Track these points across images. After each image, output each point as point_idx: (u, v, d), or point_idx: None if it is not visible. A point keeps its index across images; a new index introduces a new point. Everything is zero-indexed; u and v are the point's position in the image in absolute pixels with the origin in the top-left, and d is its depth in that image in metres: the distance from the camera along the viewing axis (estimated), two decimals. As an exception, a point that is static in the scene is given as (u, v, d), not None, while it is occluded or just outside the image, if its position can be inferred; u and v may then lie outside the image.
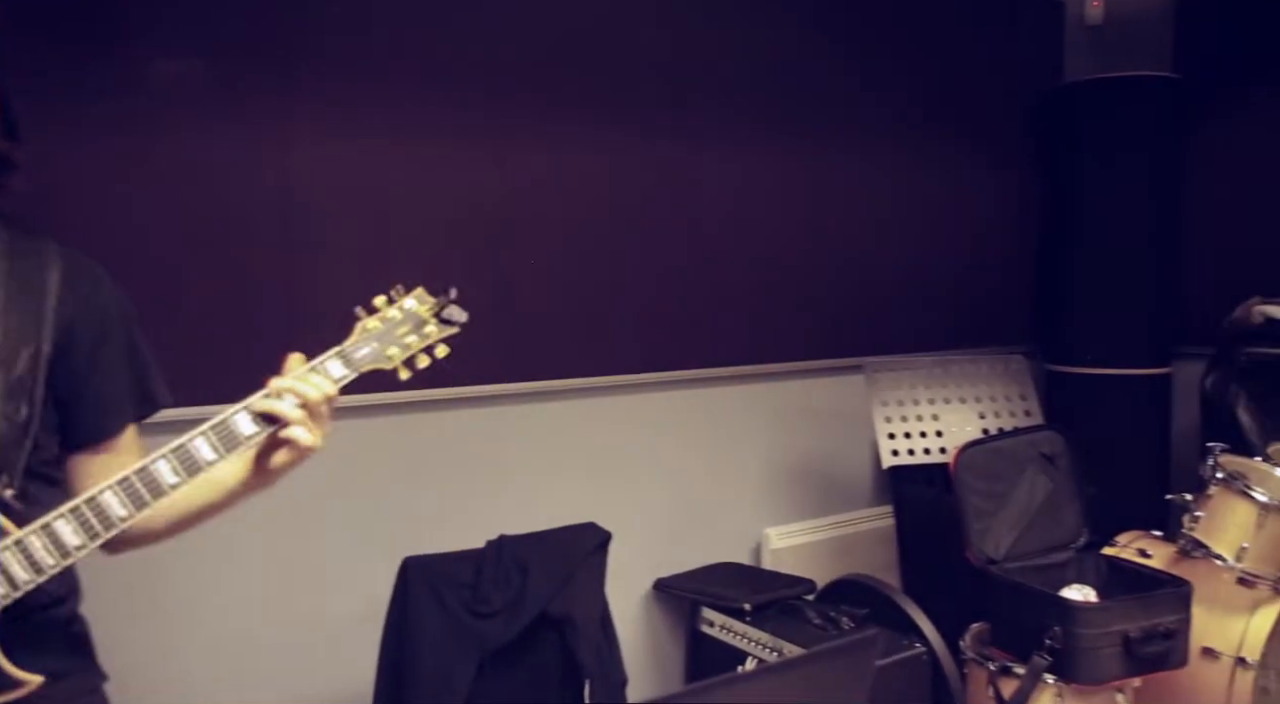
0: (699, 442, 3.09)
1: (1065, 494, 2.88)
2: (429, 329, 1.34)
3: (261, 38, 2.29)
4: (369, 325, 1.31)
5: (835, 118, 3.32)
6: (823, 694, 1.35)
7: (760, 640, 2.61)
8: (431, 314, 1.35)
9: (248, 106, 2.28)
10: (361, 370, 1.30)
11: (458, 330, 1.36)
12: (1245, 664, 2.59)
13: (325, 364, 1.27)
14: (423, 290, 1.36)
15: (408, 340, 1.33)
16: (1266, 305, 3.39)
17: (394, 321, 1.32)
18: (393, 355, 1.32)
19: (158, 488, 1.17)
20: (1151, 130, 3.62)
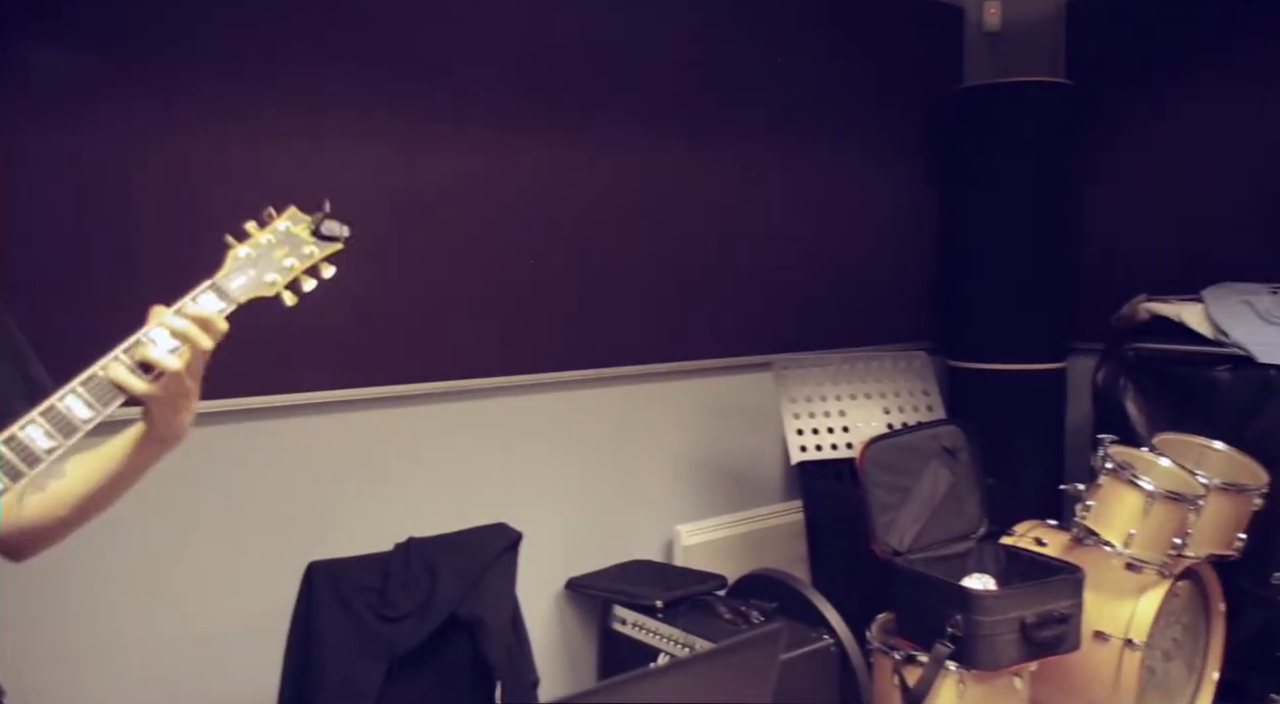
0: (610, 440, 3.10)
1: (966, 486, 2.97)
2: (309, 249, 1.27)
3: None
4: (241, 253, 1.22)
5: (744, 119, 3.35)
6: (729, 688, 1.36)
7: (672, 637, 2.63)
8: (309, 232, 1.27)
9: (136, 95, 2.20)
10: (240, 301, 1.20)
11: (341, 246, 1.29)
12: (1133, 645, 2.71)
13: (198, 299, 1.17)
14: (295, 209, 1.29)
15: (287, 263, 1.25)
16: (1152, 303, 3.54)
17: (269, 246, 1.24)
18: (273, 282, 1.23)
19: (31, 455, 1.06)
20: (1045, 134, 3.75)
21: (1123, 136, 3.93)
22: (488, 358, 2.79)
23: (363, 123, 2.53)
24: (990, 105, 3.77)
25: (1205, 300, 3.40)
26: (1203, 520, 2.81)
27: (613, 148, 3.02)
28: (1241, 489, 2.87)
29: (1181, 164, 3.77)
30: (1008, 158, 3.75)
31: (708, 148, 3.26)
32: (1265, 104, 3.53)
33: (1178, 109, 3.77)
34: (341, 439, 2.57)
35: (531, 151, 2.83)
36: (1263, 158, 3.55)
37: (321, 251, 1.28)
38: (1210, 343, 3.29)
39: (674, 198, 3.18)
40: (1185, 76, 3.74)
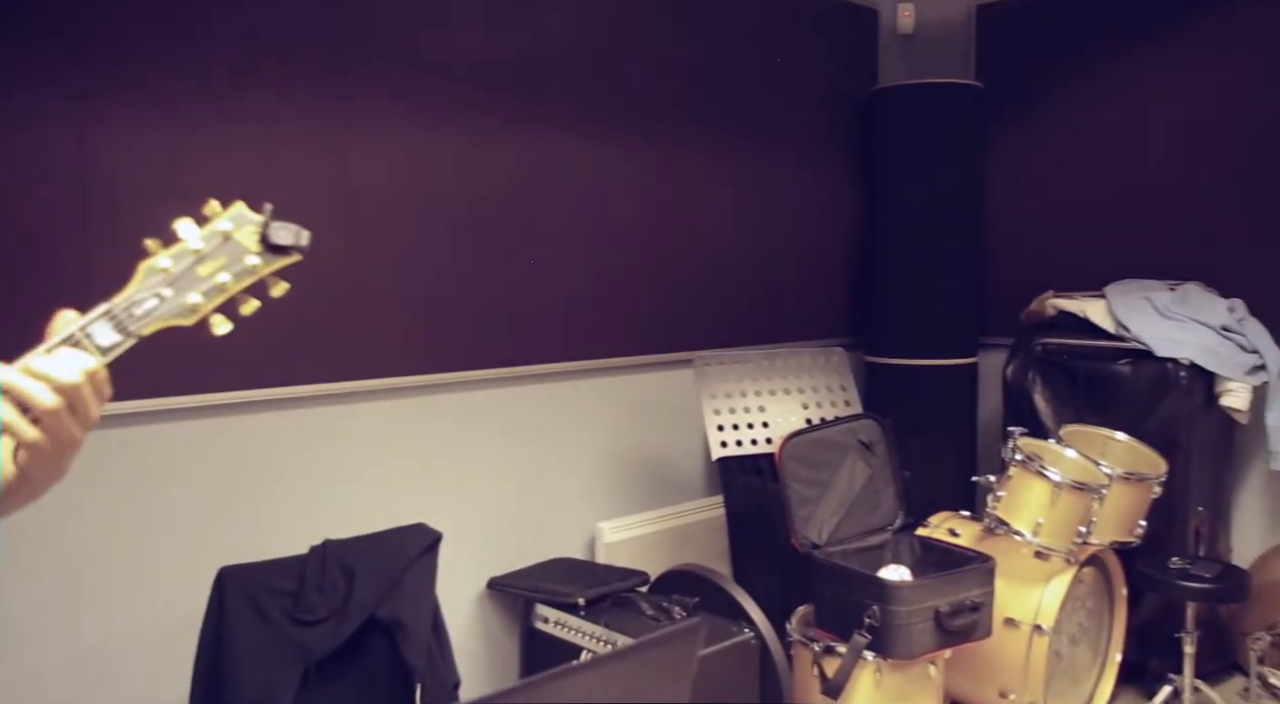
0: (531, 439, 3.08)
1: (882, 479, 3.03)
2: (251, 262, 0.96)
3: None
4: (160, 263, 0.93)
5: (664, 118, 3.37)
6: (650, 682, 1.37)
7: (594, 634, 2.63)
8: (257, 239, 0.97)
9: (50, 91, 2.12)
10: (145, 334, 0.93)
11: (297, 258, 0.99)
12: (1041, 631, 2.79)
13: (89, 330, 0.91)
14: (243, 206, 0.98)
15: (219, 280, 0.95)
16: (1058, 299, 3.66)
17: (197, 256, 0.94)
18: (195, 306, 0.94)
19: None
20: (956, 134, 3.85)
21: (1030, 137, 4.05)
22: (406, 357, 2.75)
23: (287, 116, 2.47)
24: (903, 106, 3.85)
25: (1108, 296, 3.53)
26: (1106, 509, 2.91)
27: (534, 146, 3.00)
28: (1142, 478, 2.98)
29: (1086, 164, 3.90)
30: (920, 157, 3.83)
31: (629, 146, 3.26)
32: (1164, 106, 3.68)
33: (1082, 110, 3.90)
34: (255, 441, 2.51)
35: (453, 148, 2.80)
36: (1162, 158, 3.70)
37: (267, 265, 0.98)
38: (1113, 337, 3.41)
39: (595, 196, 3.18)
40: (1089, 79, 3.88)
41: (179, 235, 0.94)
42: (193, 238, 0.94)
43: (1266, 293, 3.44)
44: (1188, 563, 2.98)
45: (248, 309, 0.97)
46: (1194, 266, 3.60)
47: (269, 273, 0.98)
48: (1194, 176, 3.62)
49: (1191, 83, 3.61)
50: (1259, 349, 3.30)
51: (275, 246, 0.97)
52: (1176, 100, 3.65)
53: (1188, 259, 3.63)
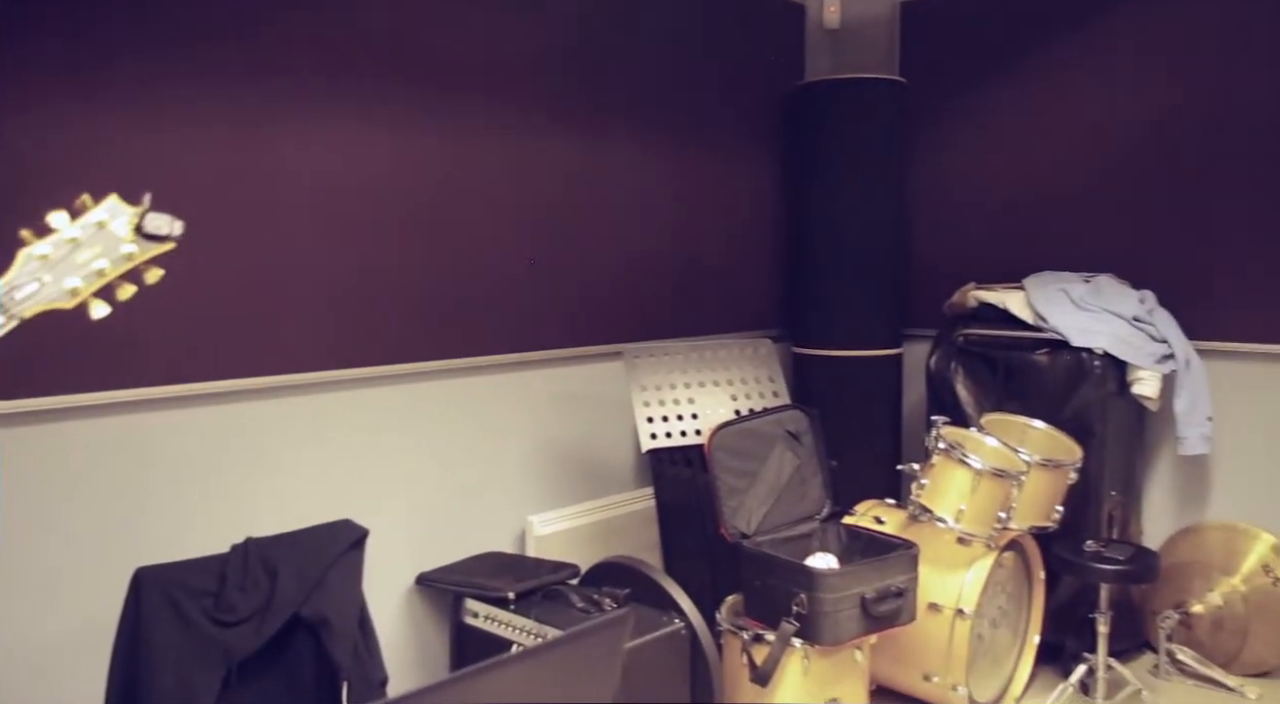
0: (460, 432, 3.06)
1: (810, 469, 3.07)
2: (128, 249, 1.04)
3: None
4: (36, 251, 1.00)
5: (593, 110, 3.36)
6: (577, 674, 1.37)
7: (524, 628, 2.62)
8: (133, 228, 1.05)
9: None
10: (26, 316, 0.99)
11: (170, 247, 1.08)
12: (963, 615, 2.86)
13: None
14: (117, 198, 1.05)
15: (96, 266, 1.02)
16: (979, 290, 3.75)
17: (73, 244, 1.01)
18: (73, 289, 1.01)
19: None
20: (881, 129, 3.90)
21: (952, 132, 4.14)
22: (332, 350, 2.70)
23: (200, 105, 2.40)
24: (829, 100, 3.89)
25: (1027, 288, 3.62)
26: (1025, 495, 3.00)
27: (463, 136, 2.97)
28: (1059, 465, 3.07)
29: (1005, 159, 4.00)
30: (846, 151, 3.88)
31: (557, 138, 3.25)
32: (1081, 102, 3.78)
33: (1002, 106, 3.99)
34: (174, 437, 2.44)
35: (378, 138, 2.76)
36: (1078, 154, 3.80)
37: (144, 252, 1.06)
38: (1031, 328, 3.50)
39: (524, 187, 3.16)
40: (1009, 75, 3.97)
41: (51, 226, 1.00)
42: (67, 227, 1.01)
43: (1174, 284, 3.56)
44: (1102, 546, 3.08)
45: (125, 294, 1.05)
46: (1107, 259, 3.72)
47: (144, 260, 1.06)
48: (1108, 172, 3.73)
49: (1107, 80, 3.72)
50: (1168, 339, 3.42)
51: (150, 235, 1.05)
52: (1092, 97, 3.75)
53: (1102, 252, 3.74)
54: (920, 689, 2.99)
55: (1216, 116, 3.48)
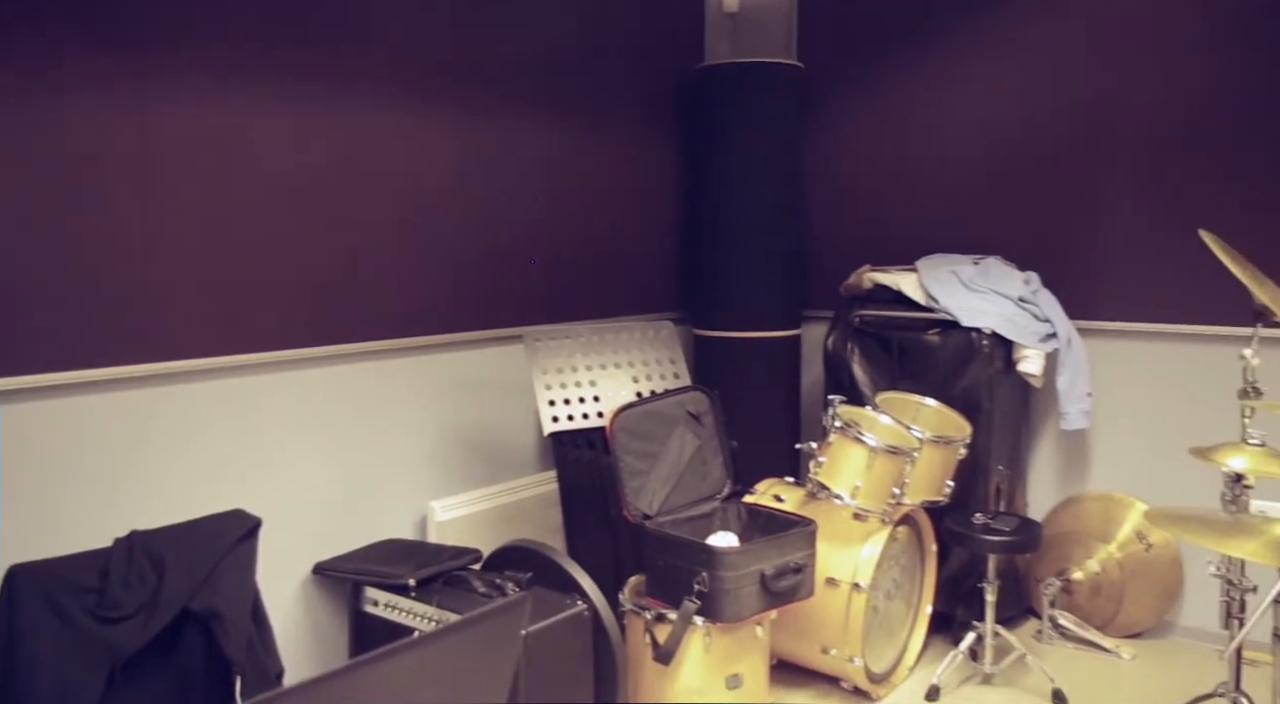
0: (357, 418, 2.99)
1: (711, 449, 3.10)
2: None
3: None
4: None
5: (494, 90, 3.31)
6: (474, 658, 1.36)
7: (426, 614, 2.59)
8: None
9: None
10: None
11: None
12: (859, 588, 2.94)
13: None
14: None
15: None
16: (875, 272, 3.83)
17: None
18: None
19: None
20: (778, 113, 3.95)
21: (848, 116, 4.22)
22: (219, 335, 2.61)
23: (74, 69, 2.28)
24: (727, 84, 3.92)
25: (919, 270, 3.72)
26: (918, 470, 3.09)
27: (360, 116, 2.89)
28: (949, 441, 3.17)
29: (900, 144, 4.09)
30: (744, 135, 3.91)
31: (457, 120, 3.19)
32: (972, 91, 3.89)
33: (896, 93, 4.09)
34: (47, 428, 2.33)
35: (272, 116, 2.66)
36: (969, 140, 3.92)
37: None
38: (924, 309, 3.60)
39: (422, 169, 3.10)
40: (903, 62, 4.06)
41: None
42: None
43: (1057, 266, 3.71)
44: (989, 518, 3.19)
45: None
46: (995, 242, 3.85)
47: None
48: (997, 159, 3.86)
49: (996, 71, 3.83)
50: (1051, 319, 3.56)
51: None
52: (982, 87, 3.87)
53: (990, 235, 3.87)
54: (819, 662, 3.06)
55: (1098, 109, 3.63)
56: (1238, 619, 2.49)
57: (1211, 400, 3.46)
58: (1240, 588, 2.50)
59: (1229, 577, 2.50)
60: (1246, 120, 3.35)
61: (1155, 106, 3.51)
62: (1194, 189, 3.45)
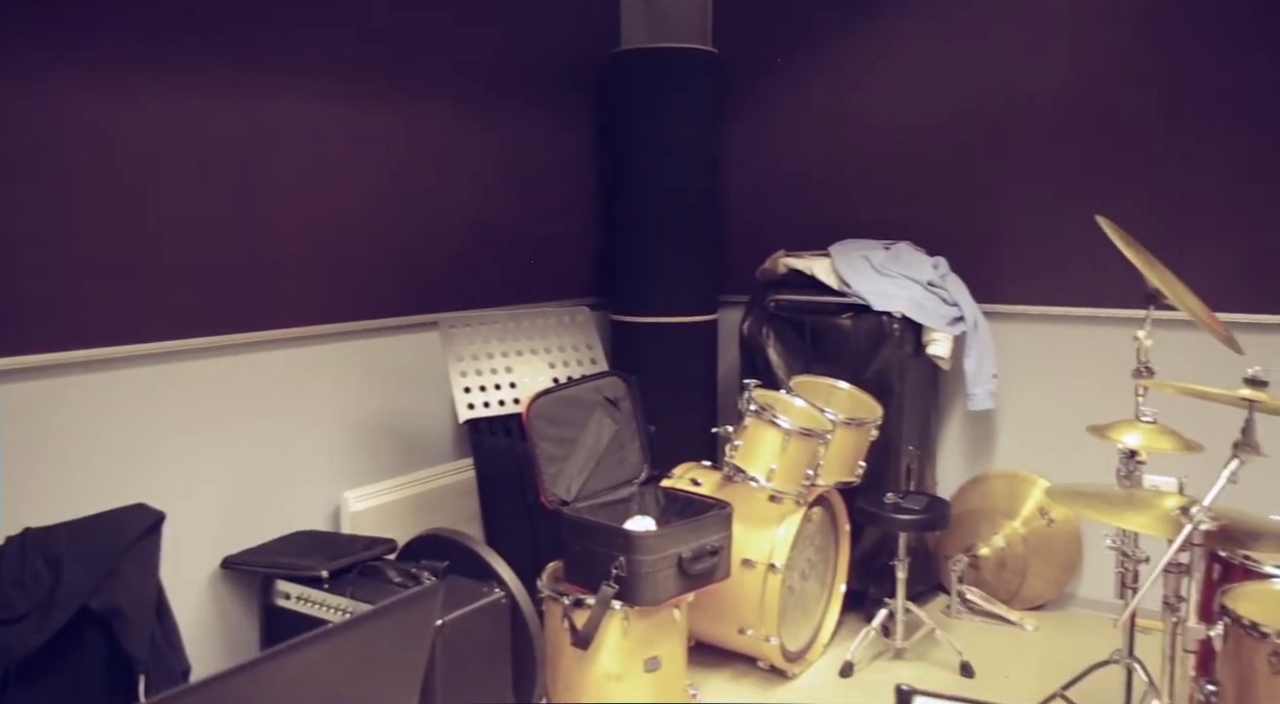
0: (268, 408, 2.92)
1: (628, 434, 3.11)
2: None
3: None
4: None
5: (406, 75, 3.25)
6: (386, 649, 1.34)
7: (339, 606, 2.55)
8: None
9: None
10: None
11: None
12: (775, 569, 2.99)
13: None
14: None
15: None
16: (789, 257, 3.88)
17: None
18: None
19: None
20: (694, 98, 3.96)
21: (765, 104, 4.25)
22: (122, 323, 2.52)
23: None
24: (643, 69, 3.92)
25: (832, 255, 3.78)
26: (831, 452, 3.15)
27: (266, 102, 2.81)
28: (861, 423, 3.23)
29: (815, 131, 4.15)
30: (660, 120, 3.92)
31: (368, 105, 3.13)
32: (885, 81, 3.96)
33: (811, 81, 4.13)
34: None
35: (170, 96, 2.57)
36: (883, 129, 3.99)
37: None
38: (837, 293, 3.66)
39: (332, 153, 3.03)
40: (817, 50, 4.11)
41: None
42: None
43: (965, 251, 3.81)
44: (900, 498, 3.27)
45: None
46: (906, 228, 3.93)
47: None
48: (908, 147, 3.94)
49: (909, 61, 3.91)
50: (958, 302, 3.66)
51: None
52: (895, 77, 3.94)
53: (901, 221, 3.95)
54: (736, 642, 3.11)
55: (1002, 99, 3.73)
56: (1131, 589, 2.60)
57: (1108, 380, 3.60)
58: (1134, 559, 2.60)
59: (1123, 549, 2.61)
60: (1138, 111, 3.48)
61: (1055, 97, 3.62)
62: (1091, 176, 3.57)
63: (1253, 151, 3.31)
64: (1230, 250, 3.36)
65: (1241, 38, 3.30)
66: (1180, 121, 3.42)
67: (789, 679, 3.15)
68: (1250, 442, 1.94)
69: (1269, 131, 3.28)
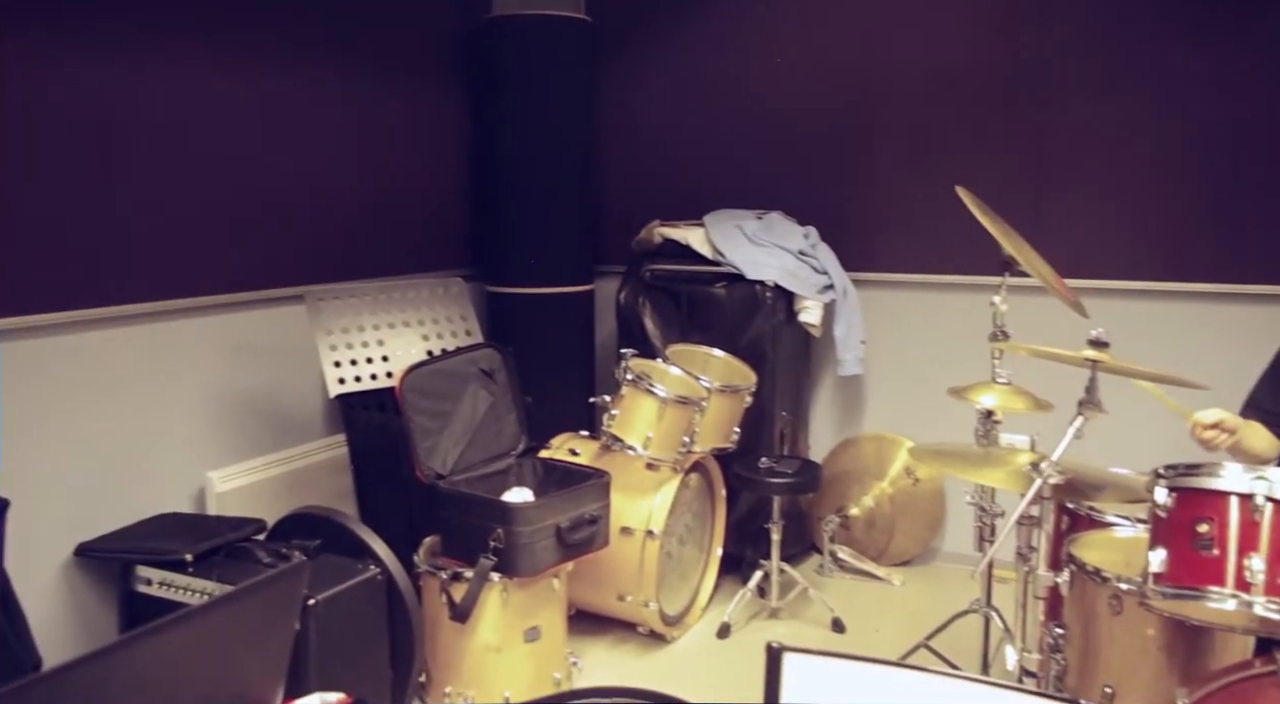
0: (125, 387, 2.78)
1: (504, 406, 3.09)
2: None
3: None
4: None
5: (269, 40, 3.11)
6: (250, 630, 1.30)
7: (205, 590, 2.46)
8: None
9: None
10: None
11: None
12: (653, 536, 3.03)
13: None
14: None
15: None
16: (664, 227, 3.91)
17: None
18: None
19: None
20: (567, 67, 3.92)
21: (638, 73, 4.25)
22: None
23: None
24: (516, 37, 3.85)
25: (706, 225, 3.82)
26: (707, 419, 3.19)
27: (128, 64, 2.64)
28: (736, 390, 3.29)
29: (687, 101, 4.17)
30: (534, 88, 3.86)
31: (230, 70, 2.98)
32: (757, 54, 4.00)
33: (685, 52, 4.15)
34: None
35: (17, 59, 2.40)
36: (755, 101, 4.04)
37: None
38: (711, 263, 3.71)
39: (192, 120, 2.88)
40: (692, 23, 4.12)
41: None
42: None
43: (834, 221, 3.90)
44: (774, 462, 3.35)
45: None
46: (778, 198, 3.99)
47: None
48: (780, 118, 4.00)
49: (777, 31, 3.96)
50: (828, 271, 3.75)
51: None
52: (767, 50, 3.99)
53: (773, 191, 4.01)
54: (615, 609, 3.14)
55: (868, 72, 3.82)
56: (988, 542, 2.74)
57: (968, 344, 3.75)
58: (991, 514, 2.74)
59: (981, 504, 2.74)
60: (997, 88, 3.62)
61: (919, 73, 3.73)
62: (954, 150, 3.71)
63: (1100, 131, 3.49)
64: (1078, 221, 3.54)
65: (1093, 20, 3.47)
66: (1035, 100, 3.57)
67: (668, 643, 3.20)
68: (1094, 399, 2.06)
69: (1115, 113, 3.46)
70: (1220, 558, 1.64)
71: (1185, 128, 3.38)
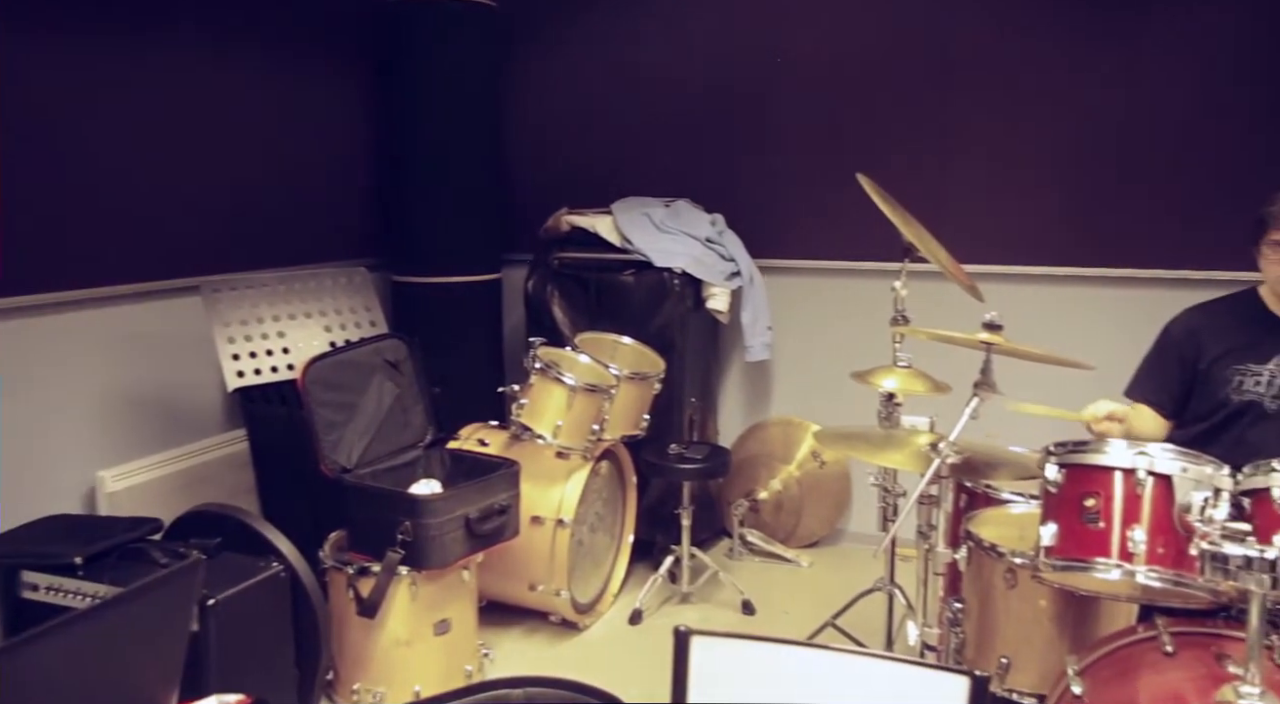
0: (8, 382, 2.65)
1: (410, 397, 3.04)
2: None
3: None
4: None
5: (164, 19, 2.98)
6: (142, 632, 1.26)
7: (96, 594, 2.36)
8: None
9: None
10: None
11: None
12: (564, 524, 3.02)
13: None
14: None
15: None
16: (572, 215, 3.89)
17: None
18: None
19: None
20: (474, 52, 3.86)
21: (545, 60, 4.21)
22: None
23: None
24: (421, 21, 3.77)
25: (614, 213, 3.82)
26: (616, 407, 3.20)
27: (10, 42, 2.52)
28: (645, 377, 3.31)
29: (594, 88, 4.15)
30: (437, 75, 3.79)
31: (122, 48, 2.85)
32: (666, 43, 4.01)
33: (588, 37, 4.13)
34: None
35: None
36: (663, 89, 4.04)
37: None
38: (619, 250, 3.71)
39: (79, 103, 2.75)
40: (594, 7, 4.10)
41: None
42: None
43: (740, 208, 3.94)
44: (684, 448, 3.38)
45: None
46: (685, 185, 4.01)
47: None
48: (684, 104, 4.02)
49: (682, 20, 3.97)
50: (735, 258, 3.79)
51: None
52: (676, 39, 3.99)
53: (681, 179, 4.03)
54: (527, 598, 3.13)
55: (778, 65, 3.86)
56: (891, 521, 2.81)
57: (870, 328, 3.83)
58: (893, 494, 2.81)
59: (884, 485, 2.81)
60: (903, 78, 3.70)
61: (824, 62, 3.79)
62: (859, 139, 3.78)
63: (993, 122, 3.60)
64: (974, 208, 3.65)
65: (990, 12, 3.57)
66: (934, 89, 3.66)
67: (580, 631, 3.21)
68: (988, 380, 2.12)
69: (1009, 105, 3.58)
70: (1105, 530, 1.72)
71: (1075, 118, 3.51)
